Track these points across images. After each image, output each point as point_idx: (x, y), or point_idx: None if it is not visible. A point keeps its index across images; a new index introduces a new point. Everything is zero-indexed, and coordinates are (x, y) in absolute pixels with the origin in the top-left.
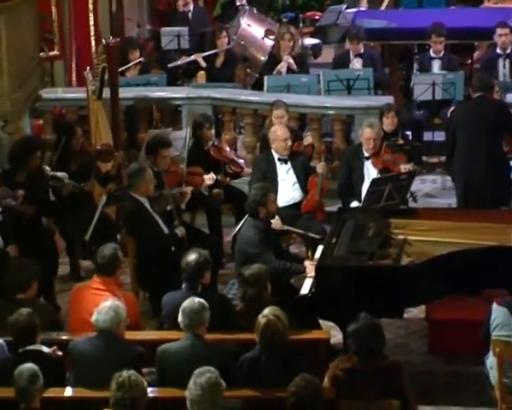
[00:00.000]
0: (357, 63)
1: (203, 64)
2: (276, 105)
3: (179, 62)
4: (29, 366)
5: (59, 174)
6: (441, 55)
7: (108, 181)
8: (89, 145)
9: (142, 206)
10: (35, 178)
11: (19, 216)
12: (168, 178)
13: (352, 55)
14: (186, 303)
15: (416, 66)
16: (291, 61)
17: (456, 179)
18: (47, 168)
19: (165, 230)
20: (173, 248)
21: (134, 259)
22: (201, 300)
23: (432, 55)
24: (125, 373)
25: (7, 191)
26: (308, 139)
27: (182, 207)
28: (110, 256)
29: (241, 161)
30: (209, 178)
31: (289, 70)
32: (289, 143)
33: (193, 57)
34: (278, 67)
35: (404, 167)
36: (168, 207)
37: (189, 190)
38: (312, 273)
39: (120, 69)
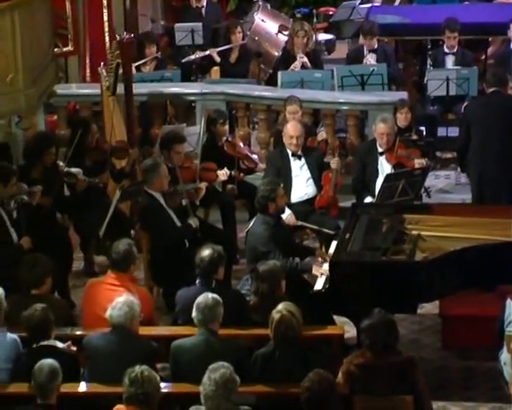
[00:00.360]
0: (370, 58)
1: (217, 59)
2: (290, 101)
3: (193, 57)
4: (50, 362)
5: (73, 170)
6: (455, 50)
7: (122, 178)
8: (104, 142)
9: (157, 201)
10: (50, 174)
11: (33, 212)
12: (182, 174)
13: (365, 51)
14: (200, 299)
15: (429, 61)
16: (305, 59)
17: (470, 175)
18: (61, 164)
19: (178, 224)
20: (187, 242)
21: (148, 254)
22: (215, 295)
23: (445, 50)
24: (137, 368)
25: (22, 187)
26: (322, 135)
27: (196, 203)
28: (124, 252)
29: (255, 156)
30: (223, 174)
31: (303, 68)
32: (297, 140)
33: (207, 52)
34: (292, 66)
35: (418, 162)
36: (183, 203)
37: (203, 185)
38: (318, 273)
39: (136, 64)
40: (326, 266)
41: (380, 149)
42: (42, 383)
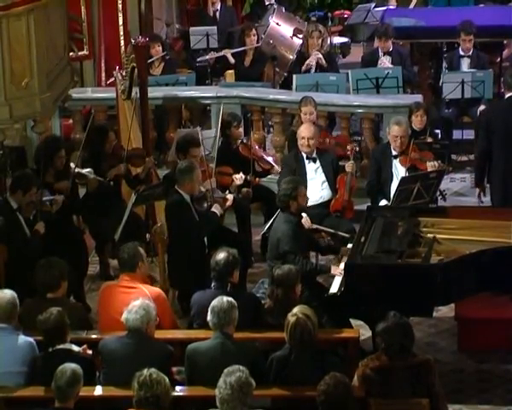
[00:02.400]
0: (386, 61)
1: (232, 60)
2: (305, 101)
3: (208, 57)
4: (72, 366)
5: (83, 171)
6: (470, 53)
7: (137, 184)
8: (120, 148)
9: (185, 201)
10: (63, 178)
11: (49, 216)
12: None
13: (380, 53)
14: (215, 302)
15: (444, 64)
16: (320, 56)
17: (493, 182)
18: (72, 165)
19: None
20: (206, 246)
21: (164, 257)
22: (230, 299)
23: (461, 53)
24: (145, 372)
25: (45, 195)
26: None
27: (221, 212)
28: (130, 251)
29: (270, 158)
30: (238, 178)
31: (318, 67)
32: (309, 141)
33: (222, 53)
34: (307, 61)
35: (431, 165)
36: (205, 207)
37: (231, 197)
38: (336, 273)
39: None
40: (342, 266)
41: (394, 152)
42: (62, 386)
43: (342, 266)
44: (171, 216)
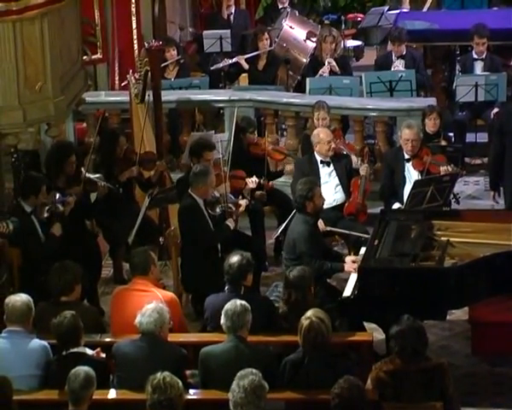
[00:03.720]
0: (399, 64)
1: (245, 66)
2: (318, 107)
3: (221, 65)
4: (86, 369)
5: (93, 177)
6: (483, 56)
7: (149, 187)
8: (132, 152)
9: (198, 205)
10: (74, 183)
11: (63, 219)
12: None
13: (394, 57)
14: (228, 305)
15: (458, 67)
16: (333, 63)
17: (506, 184)
18: (83, 170)
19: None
20: (220, 250)
21: (177, 261)
22: (244, 302)
23: (474, 56)
24: (159, 375)
25: (59, 198)
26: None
27: (233, 217)
28: (142, 254)
29: (281, 145)
30: (252, 182)
31: (332, 72)
32: (333, 145)
33: (235, 59)
34: (320, 71)
35: (444, 169)
36: (218, 211)
37: (244, 203)
38: (350, 270)
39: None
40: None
41: (406, 156)
42: (76, 389)
43: (356, 258)
44: (184, 220)
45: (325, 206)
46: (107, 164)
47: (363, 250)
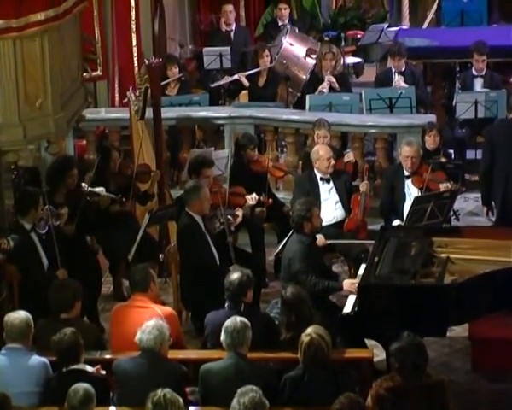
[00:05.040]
0: (400, 81)
1: (246, 83)
2: (319, 125)
3: (222, 82)
4: (85, 386)
5: (96, 189)
6: (483, 73)
7: (147, 199)
8: (127, 167)
9: (196, 223)
10: (74, 197)
11: (62, 236)
12: (211, 198)
13: (394, 73)
14: (228, 322)
15: (458, 84)
16: (333, 80)
17: (494, 198)
18: (84, 185)
19: (215, 251)
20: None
21: (177, 278)
22: (243, 319)
23: (474, 73)
24: (159, 392)
25: (51, 210)
26: (349, 156)
27: (232, 229)
28: (142, 271)
29: (282, 162)
30: (251, 199)
31: (331, 89)
32: (332, 161)
33: (235, 76)
34: (320, 87)
35: (444, 186)
36: (218, 226)
37: (240, 213)
38: (350, 290)
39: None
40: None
41: (406, 173)
42: (75, 406)
43: (354, 280)
44: (183, 241)
45: (325, 223)
46: (102, 180)
47: (363, 267)
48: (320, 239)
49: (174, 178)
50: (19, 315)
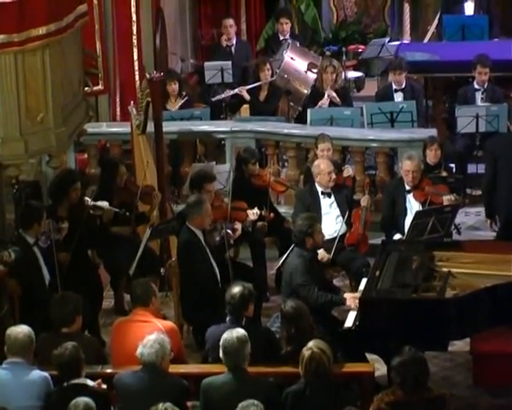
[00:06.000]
0: (399, 98)
1: (247, 97)
2: (322, 138)
3: (223, 96)
4: (86, 400)
5: (99, 203)
6: (485, 86)
7: (142, 221)
8: (133, 183)
9: (197, 238)
10: (76, 212)
11: (63, 250)
12: (212, 213)
13: (394, 90)
14: (225, 341)
15: (459, 98)
16: (333, 94)
17: (498, 211)
18: (87, 199)
19: (215, 265)
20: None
21: (178, 292)
22: (240, 335)
23: (476, 86)
24: (160, 406)
25: (52, 225)
26: (348, 171)
27: (231, 242)
28: (144, 286)
29: (283, 176)
30: (253, 213)
31: (332, 103)
32: (333, 176)
33: (236, 90)
34: (320, 102)
35: (447, 199)
36: (217, 240)
37: (239, 226)
38: (352, 305)
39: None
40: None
41: (407, 187)
42: None
43: (356, 294)
44: (184, 255)
45: (326, 237)
46: (106, 194)
47: (364, 281)
48: (323, 254)
49: (175, 193)
50: (22, 329)
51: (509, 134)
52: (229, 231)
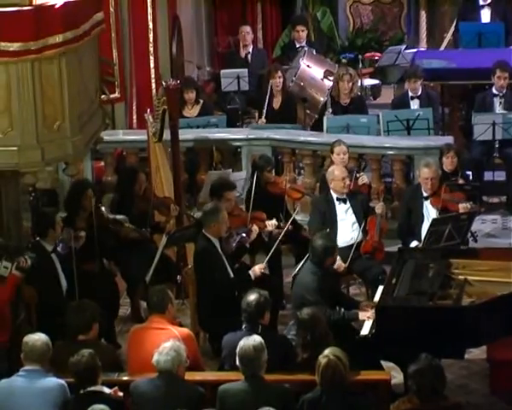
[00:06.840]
0: (415, 105)
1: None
2: (338, 142)
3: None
4: (102, 407)
5: (119, 217)
6: (504, 92)
7: (156, 232)
8: (151, 192)
9: (213, 245)
10: (93, 222)
11: (81, 258)
12: (232, 221)
13: (410, 98)
14: (241, 350)
15: (477, 103)
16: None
17: None
18: (103, 209)
19: (231, 272)
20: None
21: (194, 299)
22: (256, 343)
23: (494, 92)
24: None
25: (69, 232)
26: (363, 178)
27: (247, 246)
28: (160, 293)
29: (298, 183)
30: (271, 225)
31: (346, 110)
32: (347, 181)
33: (259, 122)
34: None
35: (463, 207)
36: (233, 246)
37: (255, 229)
38: (365, 320)
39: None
40: (373, 311)
41: (424, 194)
42: None
43: (369, 313)
44: (200, 263)
45: (342, 244)
46: (125, 201)
47: (380, 289)
48: (340, 264)
49: (191, 200)
50: (39, 337)
51: None
52: (244, 235)
